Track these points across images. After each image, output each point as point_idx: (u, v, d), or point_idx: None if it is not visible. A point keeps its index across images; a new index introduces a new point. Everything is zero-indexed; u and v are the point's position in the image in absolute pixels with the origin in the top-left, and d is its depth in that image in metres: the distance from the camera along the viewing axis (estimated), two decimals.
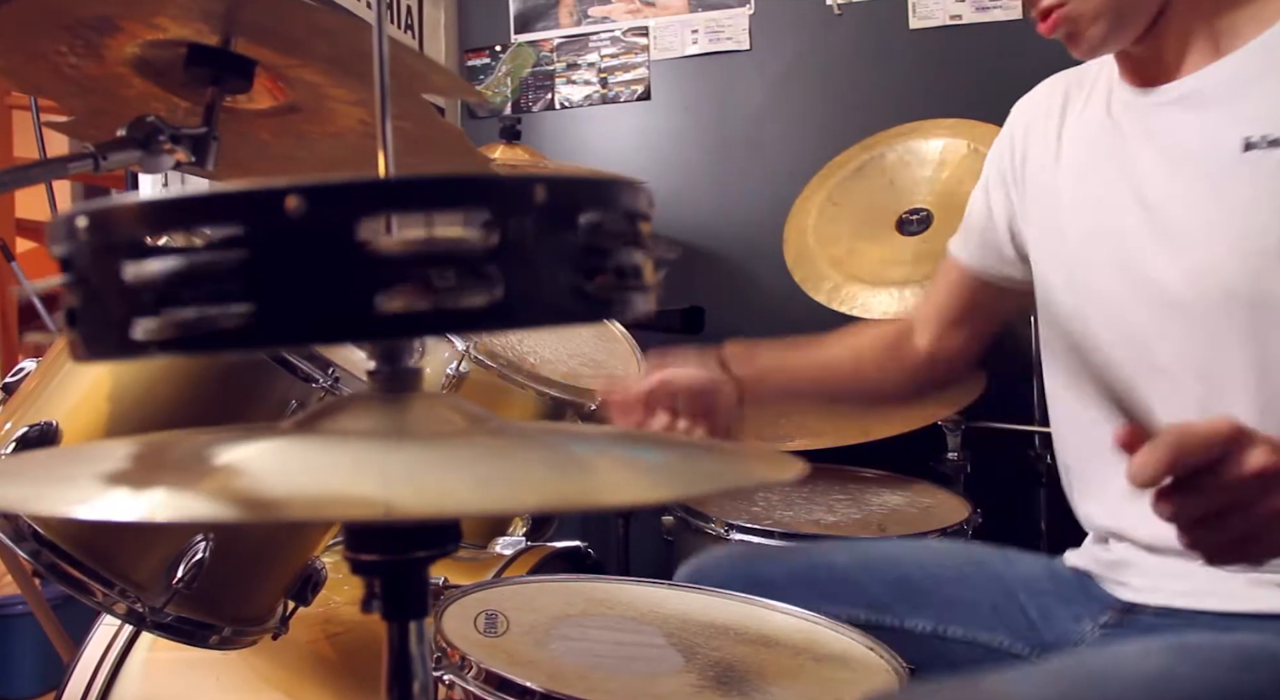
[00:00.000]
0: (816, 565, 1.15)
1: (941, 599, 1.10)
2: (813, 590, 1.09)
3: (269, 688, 1.21)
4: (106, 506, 0.35)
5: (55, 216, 0.37)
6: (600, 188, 0.39)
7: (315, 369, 1.03)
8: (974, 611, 1.08)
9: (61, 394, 1.01)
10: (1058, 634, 1.05)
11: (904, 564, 1.14)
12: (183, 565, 0.97)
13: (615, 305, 0.39)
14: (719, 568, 1.16)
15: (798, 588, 1.09)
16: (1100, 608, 1.03)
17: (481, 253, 0.35)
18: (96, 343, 0.37)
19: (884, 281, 1.99)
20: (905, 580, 1.12)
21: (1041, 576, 1.10)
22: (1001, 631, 1.07)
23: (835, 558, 1.16)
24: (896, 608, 1.10)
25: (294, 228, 0.34)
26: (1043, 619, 1.07)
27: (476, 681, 0.84)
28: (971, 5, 2.41)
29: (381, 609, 0.44)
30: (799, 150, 2.55)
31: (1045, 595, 1.08)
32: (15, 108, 2.42)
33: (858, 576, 1.12)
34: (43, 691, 1.92)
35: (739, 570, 1.14)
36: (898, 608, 1.10)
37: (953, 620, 1.08)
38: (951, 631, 1.08)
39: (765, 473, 0.40)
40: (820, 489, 1.84)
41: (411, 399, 0.44)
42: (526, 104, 2.82)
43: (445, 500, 0.35)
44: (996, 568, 1.12)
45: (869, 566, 1.13)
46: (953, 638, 1.08)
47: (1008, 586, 1.09)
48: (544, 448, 0.44)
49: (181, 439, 0.46)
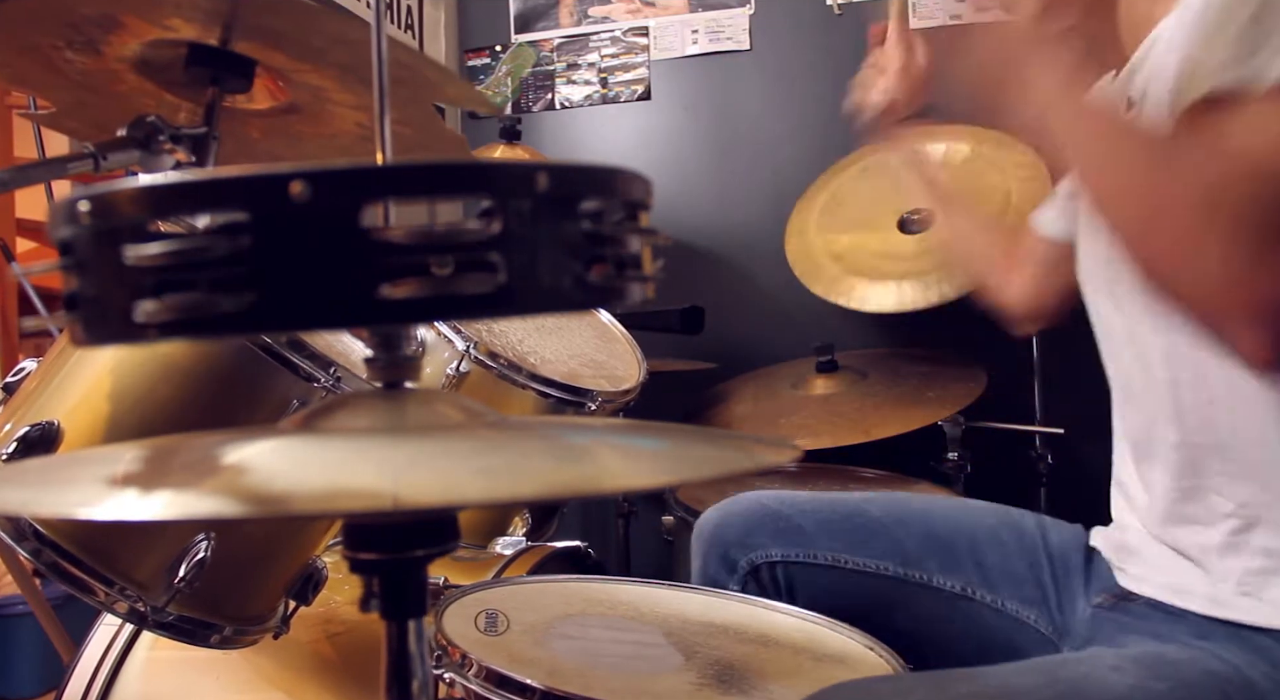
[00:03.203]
0: (848, 514, 1.14)
1: (974, 561, 1.09)
2: (842, 539, 1.09)
3: (270, 687, 1.21)
4: (116, 507, 0.35)
5: (57, 201, 0.37)
6: (600, 176, 0.39)
7: (316, 368, 1.03)
8: (1004, 578, 1.08)
9: (62, 394, 1.01)
10: (1065, 612, 1.06)
11: (938, 521, 1.14)
12: (184, 564, 0.96)
13: (614, 293, 0.39)
14: (746, 514, 1.15)
15: (827, 536, 1.09)
16: (1099, 589, 1.03)
17: (483, 239, 0.35)
18: (97, 326, 0.37)
19: (884, 275, 1.99)
20: (939, 537, 1.11)
21: (1071, 550, 1.09)
22: (1027, 605, 1.07)
23: (868, 508, 1.15)
24: (927, 563, 1.09)
25: (298, 213, 0.34)
26: (1058, 599, 1.07)
27: (477, 679, 0.84)
28: (972, 5, 2.41)
29: (380, 608, 0.44)
30: (799, 150, 2.55)
31: (1069, 573, 1.08)
32: (15, 108, 2.42)
33: (891, 528, 1.12)
34: (43, 691, 1.91)
35: (767, 517, 1.14)
36: (929, 563, 1.09)
37: (983, 584, 1.08)
38: (980, 594, 1.08)
39: (764, 456, 0.40)
40: (820, 489, 1.83)
41: (411, 396, 0.44)
42: (526, 104, 2.83)
43: (450, 491, 0.35)
44: (1031, 536, 1.11)
45: (903, 519, 1.13)
46: (980, 601, 1.08)
47: (1037, 559, 1.09)
48: (543, 438, 0.44)
49: (185, 441, 0.46)
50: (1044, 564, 1.09)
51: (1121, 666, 0.83)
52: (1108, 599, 1.01)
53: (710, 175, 2.67)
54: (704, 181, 2.66)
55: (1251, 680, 0.83)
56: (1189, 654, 0.86)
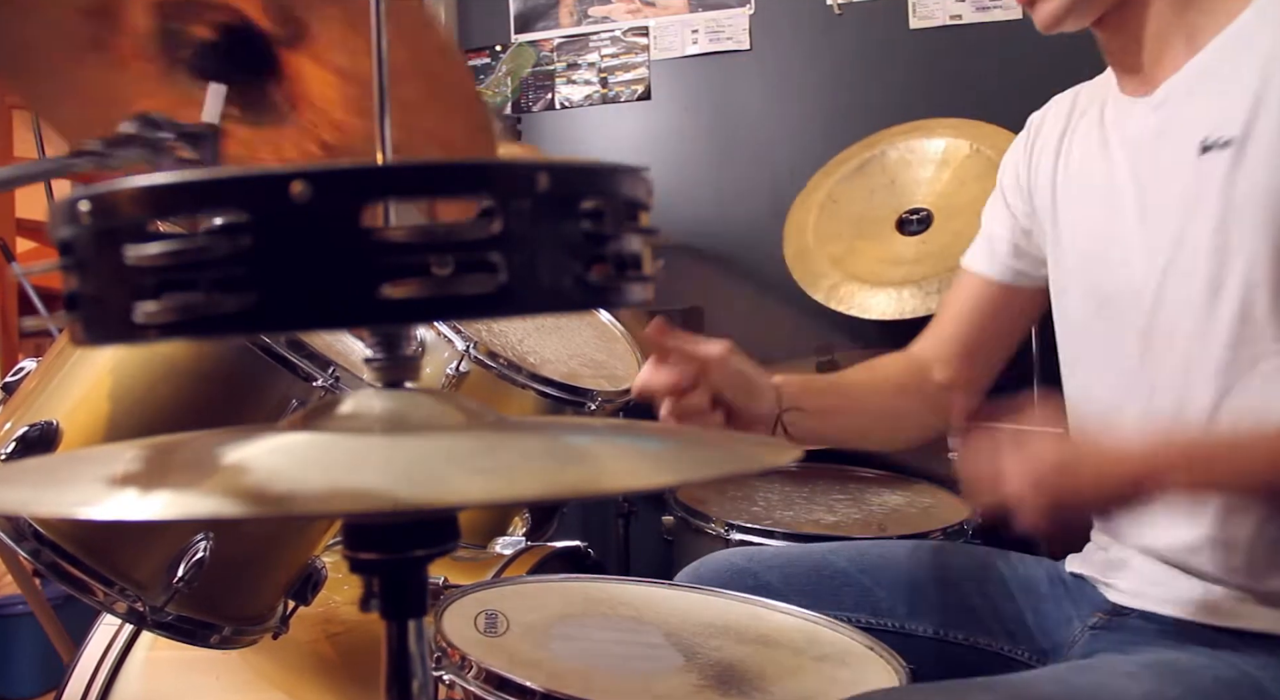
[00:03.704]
0: (816, 568, 1.14)
1: (943, 602, 1.09)
2: (813, 594, 1.09)
3: (269, 687, 1.21)
4: (115, 507, 0.35)
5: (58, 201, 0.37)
6: (601, 176, 0.39)
7: (316, 368, 1.03)
8: (976, 616, 1.08)
9: (62, 393, 1.01)
10: (1053, 639, 1.05)
11: (905, 566, 1.14)
12: (183, 564, 0.97)
13: (615, 293, 0.39)
14: (718, 573, 1.16)
15: (797, 592, 1.09)
16: (1090, 609, 1.03)
17: (484, 239, 0.35)
18: (97, 326, 0.37)
19: (883, 281, 1.99)
20: (907, 583, 1.11)
21: (1041, 580, 1.10)
22: (1002, 637, 1.07)
23: (835, 560, 1.15)
24: (898, 610, 1.09)
25: (298, 212, 0.34)
26: (1038, 624, 1.07)
27: (476, 681, 0.84)
28: (971, 5, 2.41)
29: (380, 608, 0.44)
30: (799, 150, 2.55)
31: (1044, 600, 1.08)
32: (15, 108, 2.42)
33: (858, 579, 1.12)
34: (43, 691, 1.92)
35: (738, 575, 1.14)
36: (899, 610, 1.09)
37: (955, 624, 1.08)
38: (953, 635, 1.08)
39: (764, 457, 0.40)
40: (820, 489, 1.84)
41: (411, 395, 0.44)
42: (526, 104, 2.83)
43: (450, 491, 0.35)
44: (998, 571, 1.11)
45: (869, 569, 1.13)
46: (954, 641, 1.08)
47: (1008, 591, 1.09)
48: (543, 438, 0.44)
49: (185, 441, 0.46)
50: (1014, 594, 1.09)
51: (1135, 674, 0.83)
52: (1101, 618, 1.01)
53: (710, 175, 2.66)
54: (704, 181, 2.66)
55: (1262, 685, 0.83)
56: (1200, 661, 0.86)
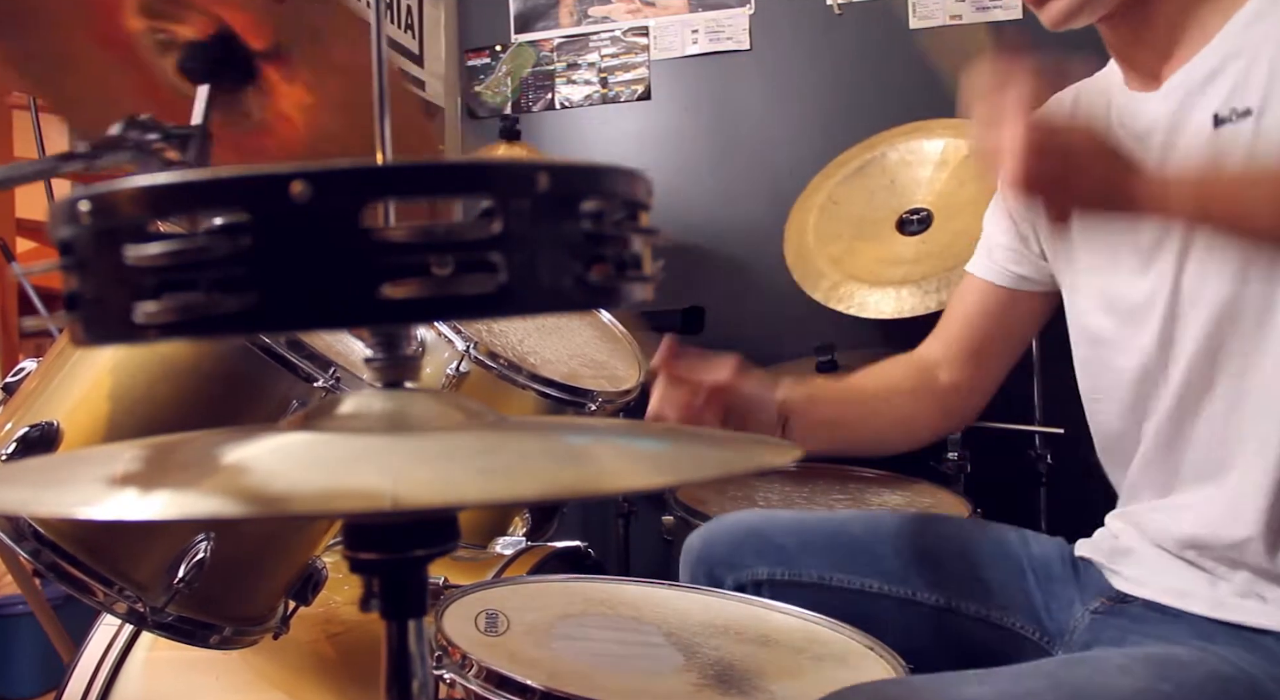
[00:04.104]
0: (831, 533, 1.14)
1: (956, 575, 1.09)
2: (826, 557, 1.09)
3: (270, 687, 1.21)
4: (115, 507, 0.35)
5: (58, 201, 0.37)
6: (601, 176, 0.39)
7: (316, 369, 1.03)
8: (987, 590, 1.08)
9: (62, 394, 1.01)
10: (1057, 620, 1.05)
11: (920, 537, 1.14)
12: (183, 565, 0.96)
13: (615, 293, 0.39)
14: (730, 534, 1.15)
15: (810, 554, 1.09)
16: (1094, 594, 1.03)
17: (484, 239, 0.35)
18: (97, 326, 0.37)
19: (882, 281, 1.99)
20: (921, 552, 1.11)
21: (1053, 560, 1.09)
22: (1013, 612, 1.07)
23: (850, 527, 1.15)
24: (910, 578, 1.09)
25: (298, 213, 0.34)
26: (1045, 603, 1.07)
27: (477, 680, 0.84)
28: (971, 5, 2.41)
29: (380, 608, 0.44)
30: (799, 150, 2.55)
31: (1053, 580, 1.08)
32: (15, 108, 2.42)
33: (873, 546, 1.12)
34: (43, 691, 1.91)
35: (751, 537, 1.14)
36: (912, 578, 1.09)
37: (966, 596, 1.08)
38: (964, 607, 1.08)
39: (764, 457, 0.40)
40: (820, 489, 1.84)
41: (411, 395, 0.44)
42: (526, 104, 2.83)
43: (450, 491, 0.35)
44: (1012, 547, 1.11)
45: (884, 537, 1.13)
46: (965, 613, 1.08)
47: (1022, 568, 1.09)
48: (543, 438, 0.44)
49: (185, 441, 0.46)
50: (1027, 572, 1.09)
51: (1129, 668, 0.83)
52: (1104, 604, 1.01)
53: (710, 175, 2.67)
54: (704, 181, 2.66)
55: (1257, 681, 0.83)
56: (1195, 655, 0.86)
